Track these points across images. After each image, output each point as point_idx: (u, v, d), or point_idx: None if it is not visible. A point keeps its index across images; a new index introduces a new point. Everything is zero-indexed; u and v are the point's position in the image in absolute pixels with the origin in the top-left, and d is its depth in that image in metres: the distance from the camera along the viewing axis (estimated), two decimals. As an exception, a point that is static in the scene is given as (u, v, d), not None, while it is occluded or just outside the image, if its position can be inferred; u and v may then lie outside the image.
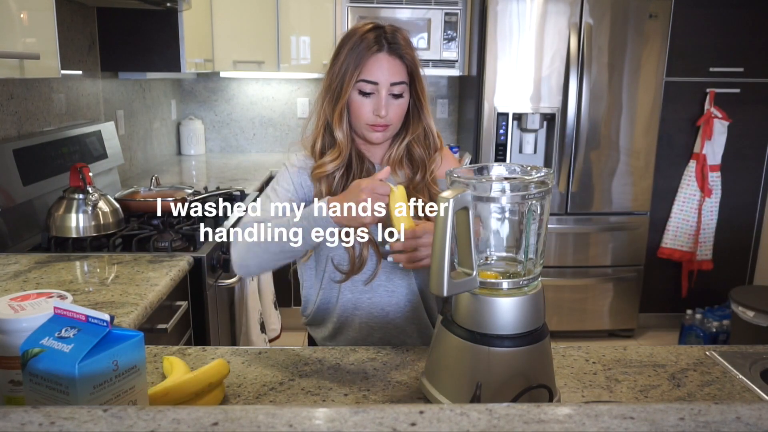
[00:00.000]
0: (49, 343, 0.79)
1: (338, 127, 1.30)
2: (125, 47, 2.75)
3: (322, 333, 1.41)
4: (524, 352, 0.95)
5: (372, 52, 1.25)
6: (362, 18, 3.41)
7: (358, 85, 1.26)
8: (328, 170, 1.30)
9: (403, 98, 1.29)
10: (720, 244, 3.55)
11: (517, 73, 3.19)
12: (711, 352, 1.23)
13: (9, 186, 1.90)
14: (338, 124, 1.30)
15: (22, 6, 1.57)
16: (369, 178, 1.14)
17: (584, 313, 3.46)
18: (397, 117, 1.29)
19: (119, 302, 1.43)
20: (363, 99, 1.27)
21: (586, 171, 3.29)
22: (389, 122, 1.28)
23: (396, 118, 1.29)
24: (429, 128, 1.35)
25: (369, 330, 1.36)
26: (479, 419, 0.56)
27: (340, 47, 1.28)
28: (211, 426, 0.55)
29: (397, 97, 1.28)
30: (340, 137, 1.30)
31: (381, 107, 1.26)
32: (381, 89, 1.26)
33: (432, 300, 1.39)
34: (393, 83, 1.26)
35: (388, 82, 1.26)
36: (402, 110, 1.30)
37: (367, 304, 1.34)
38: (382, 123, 1.28)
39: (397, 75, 1.26)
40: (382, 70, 1.25)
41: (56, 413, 0.56)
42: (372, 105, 1.26)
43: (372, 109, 1.27)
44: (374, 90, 1.26)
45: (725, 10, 3.30)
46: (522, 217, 0.98)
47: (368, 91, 1.26)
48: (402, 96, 1.28)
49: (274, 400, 1.06)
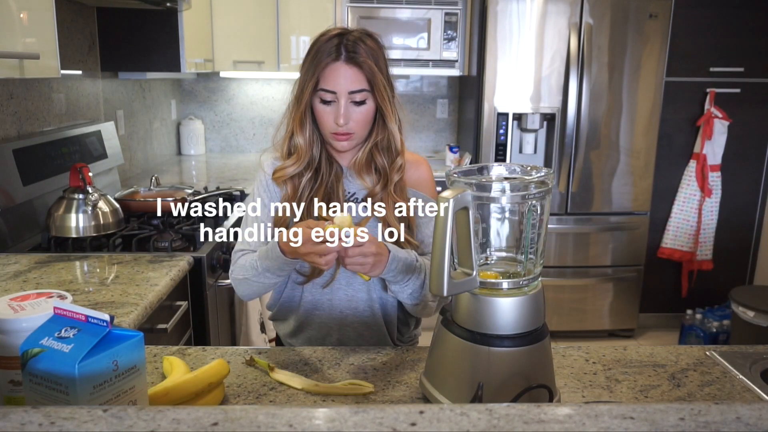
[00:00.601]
0: (49, 343, 0.79)
1: (299, 133, 1.31)
2: (125, 47, 2.75)
3: (284, 329, 1.45)
4: (524, 352, 0.95)
5: (329, 60, 1.24)
6: (362, 18, 3.41)
7: (319, 94, 1.26)
8: (287, 174, 1.32)
9: (366, 105, 1.27)
10: (720, 244, 3.55)
11: (517, 73, 3.19)
12: (711, 352, 1.23)
13: (9, 186, 1.90)
14: (299, 130, 1.31)
15: (22, 6, 1.57)
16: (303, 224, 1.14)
17: (584, 313, 3.46)
18: (359, 125, 1.28)
19: (119, 302, 1.43)
20: (324, 107, 1.27)
21: (586, 171, 3.29)
22: (351, 130, 1.28)
23: (358, 126, 1.28)
24: (392, 135, 1.32)
25: (327, 330, 1.38)
26: (479, 419, 0.56)
27: (306, 55, 1.29)
28: (211, 426, 0.55)
29: (359, 104, 1.27)
30: (300, 143, 1.32)
31: (339, 116, 1.25)
32: (340, 98, 1.25)
33: (394, 309, 1.39)
34: (352, 91, 1.25)
35: (346, 91, 1.25)
36: (365, 117, 1.28)
37: (327, 305, 1.37)
38: (343, 131, 1.27)
39: (356, 83, 1.25)
40: (338, 79, 1.24)
41: (56, 413, 0.56)
42: (332, 114, 1.26)
43: (333, 118, 1.27)
44: (334, 98, 1.26)
45: (725, 10, 3.30)
46: (522, 217, 0.98)
47: (328, 99, 1.26)
48: (365, 103, 1.27)
49: (274, 400, 1.06)
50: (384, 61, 1.29)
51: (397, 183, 1.33)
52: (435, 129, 4.05)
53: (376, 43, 1.28)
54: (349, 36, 1.26)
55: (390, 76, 1.31)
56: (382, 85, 1.27)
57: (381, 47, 1.29)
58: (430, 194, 1.40)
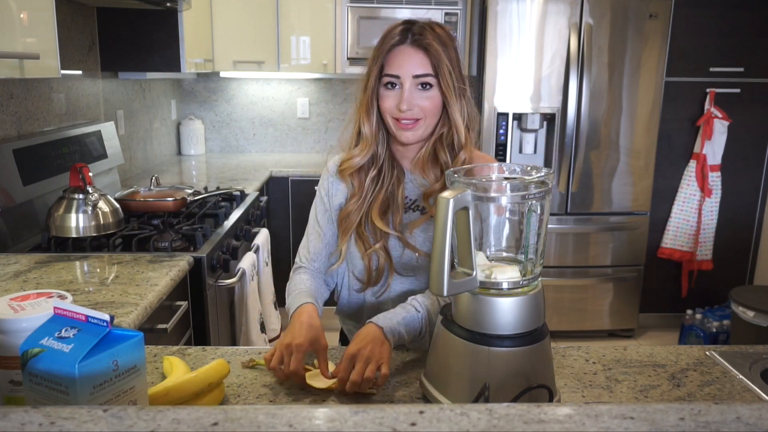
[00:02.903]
0: (49, 343, 0.79)
1: (365, 120, 1.28)
2: (125, 47, 2.75)
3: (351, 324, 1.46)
4: (524, 352, 0.95)
5: (394, 44, 1.23)
6: (362, 18, 3.41)
7: (384, 79, 1.24)
8: (354, 164, 1.29)
9: (432, 90, 1.23)
10: (720, 244, 3.55)
11: (517, 73, 3.19)
12: (711, 352, 1.23)
13: (9, 186, 1.90)
14: (365, 117, 1.28)
15: (22, 6, 1.57)
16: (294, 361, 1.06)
17: (584, 313, 3.46)
18: (425, 110, 1.23)
19: (119, 302, 1.43)
20: (388, 92, 1.24)
21: (586, 171, 3.29)
22: (416, 116, 1.23)
23: (424, 111, 1.23)
24: (456, 127, 1.26)
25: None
26: (479, 419, 0.56)
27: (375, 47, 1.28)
28: (211, 426, 0.55)
29: (425, 89, 1.23)
30: (366, 131, 1.28)
31: (402, 100, 1.21)
32: (404, 82, 1.22)
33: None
34: (416, 75, 1.21)
35: (410, 74, 1.21)
36: (433, 103, 1.23)
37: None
38: (407, 117, 1.23)
39: (420, 67, 1.21)
40: (402, 62, 1.21)
41: (56, 413, 0.56)
42: (396, 98, 1.23)
43: (396, 103, 1.23)
44: (398, 82, 1.23)
45: (725, 10, 3.30)
46: (522, 217, 0.98)
47: (392, 83, 1.23)
48: (431, 88, 1.23)
49: (274, 400, 1.06)
50: (454, 50, 1.25)
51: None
52: (435, 129, 4.04)
53: (446, 32, 1.26)
54: (416, 23, 1.25)
55: (462, 66, 1.27)
56: (449, 72, 1.22)
57: (452, 37, 1.26)
58: None
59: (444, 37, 1.24)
